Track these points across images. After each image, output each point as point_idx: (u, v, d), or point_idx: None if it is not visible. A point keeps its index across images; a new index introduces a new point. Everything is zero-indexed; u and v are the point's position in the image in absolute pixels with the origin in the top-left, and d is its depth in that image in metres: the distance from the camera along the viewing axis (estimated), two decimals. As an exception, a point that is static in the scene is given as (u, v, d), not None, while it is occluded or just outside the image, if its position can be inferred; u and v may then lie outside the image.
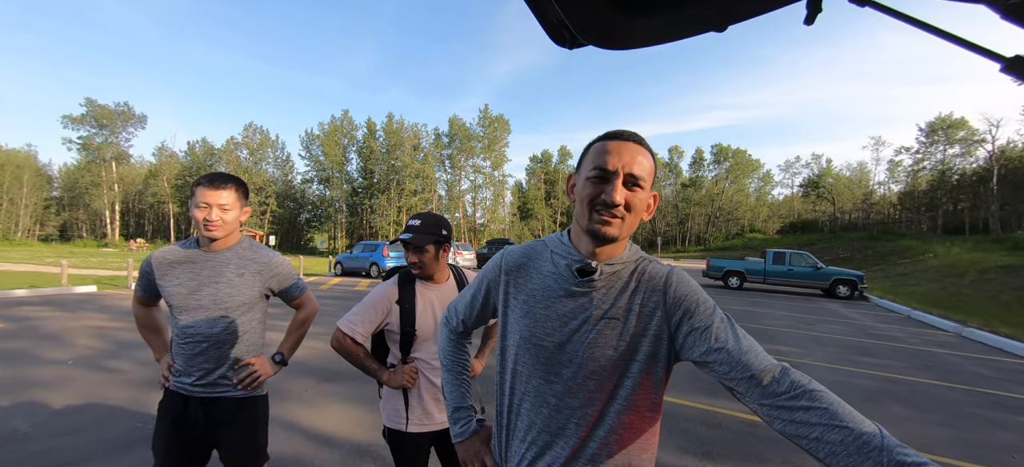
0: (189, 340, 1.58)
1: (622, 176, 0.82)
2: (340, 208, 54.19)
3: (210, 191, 1.54)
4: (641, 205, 0.84)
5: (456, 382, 1.10)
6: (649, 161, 0.85)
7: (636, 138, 0.85)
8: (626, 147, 0.83)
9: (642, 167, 0.83)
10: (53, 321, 6.95)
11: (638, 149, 0.83)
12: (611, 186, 0.81)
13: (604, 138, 0.86)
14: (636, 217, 0.85)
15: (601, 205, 0.82)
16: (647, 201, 0.86)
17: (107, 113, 49.64)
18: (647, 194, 0.85)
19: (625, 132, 0.85)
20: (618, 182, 0.81)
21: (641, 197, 0.84)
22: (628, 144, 0.83)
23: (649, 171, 0.84)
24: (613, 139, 0.85)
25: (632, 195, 0.83)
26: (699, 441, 3.29)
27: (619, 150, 0.83)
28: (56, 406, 3.56)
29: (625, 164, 0.82)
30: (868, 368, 5.67)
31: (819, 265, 15.17)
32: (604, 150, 0.84)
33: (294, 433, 3.20)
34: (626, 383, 0.84)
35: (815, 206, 54.80)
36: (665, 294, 0.84)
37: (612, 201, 0.81)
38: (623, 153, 0.82)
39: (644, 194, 0.84)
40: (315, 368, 4.77)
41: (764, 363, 0.73)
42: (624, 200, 0.82)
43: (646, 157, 0.84)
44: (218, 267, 1.62)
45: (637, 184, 0.83)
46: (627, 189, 0.82)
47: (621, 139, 0.84)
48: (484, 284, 1.04)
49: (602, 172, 0.83)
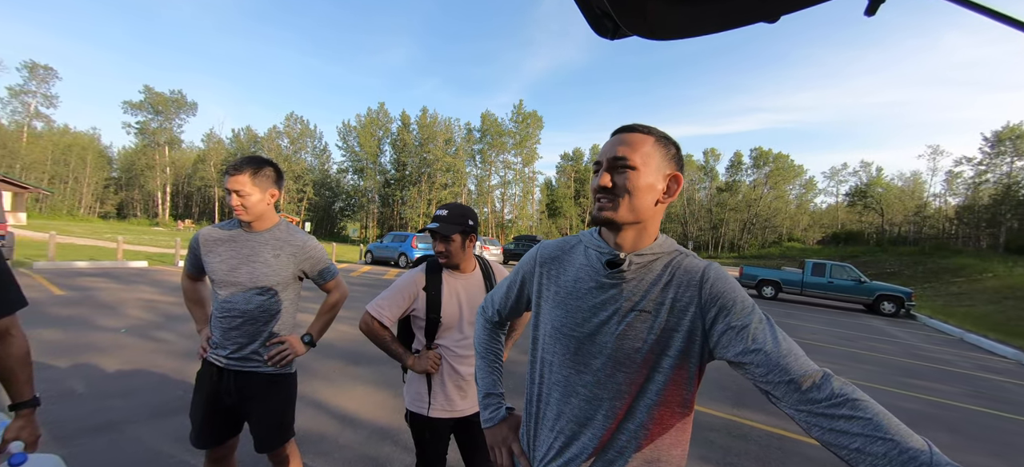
0: (226, 314, 1.67)
1: (605, 163, 0.87)
2: (373, 198, 55.59)
3: (229, 178, 1.64)
4: (636, 186, 0.85)
5: (488, 369, 1.13)
6: (645, 143, 0.86)
7: (630, 127, 0.89)
8: (616, 138, 0.89)
9: (627, 148, 0.86)
10: (108, 292, 7.48)
11: (627, 136, 0.87)
12: (599, 174, 0.87)
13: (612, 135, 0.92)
14: (637, 198, 0.85)
15: (596, 192, 0.88)
16: (650, 182, 0.85)
17: (162, 100, 52.84)
18: (647, 176, 0.85)
19: (623, 126, 0.91)
20: (603, 170, 0.87)
21: (634, 179, 0.84)
22: (619, 134, 0.89)
23: (645, 153, 0.85)
24: (612, 135, 0.91)
25: (622, 177, 0.85)
26: (722, 451, 3.19)
27: (609, 142, 0.89)
28: (108, 370, 3.84)
29: (606, 151, 0.88)
30: (912, 390, 5.34)
31: (862, 279, 14.36)
32: (603, 147, 0.91)
33: (320, 412, 3.32)
34: (657, 378, 0.83)
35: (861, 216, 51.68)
36: (700, 290, 0.82)
37: (597, 185, 0.87)
38: (611, 143, 0.89)
39: (639, 175, 0.84)
40: (343, 351, 4.93)
41: (805, 368, 0.71)
42: (610, 183, 0.85)
43: (639, 140, 0.86)
44: (256, 247, 1.71)
45: (626, 166, 0.85)
46: (615, 173, 0.86)
47: (616, 132, 0.90)
48: (520, 276, 1.07)
49: (596, 165, 0.90)
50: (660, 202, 0.87)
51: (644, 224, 0.88)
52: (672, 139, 0.90)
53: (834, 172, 57.38)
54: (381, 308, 1.63)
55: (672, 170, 0.89)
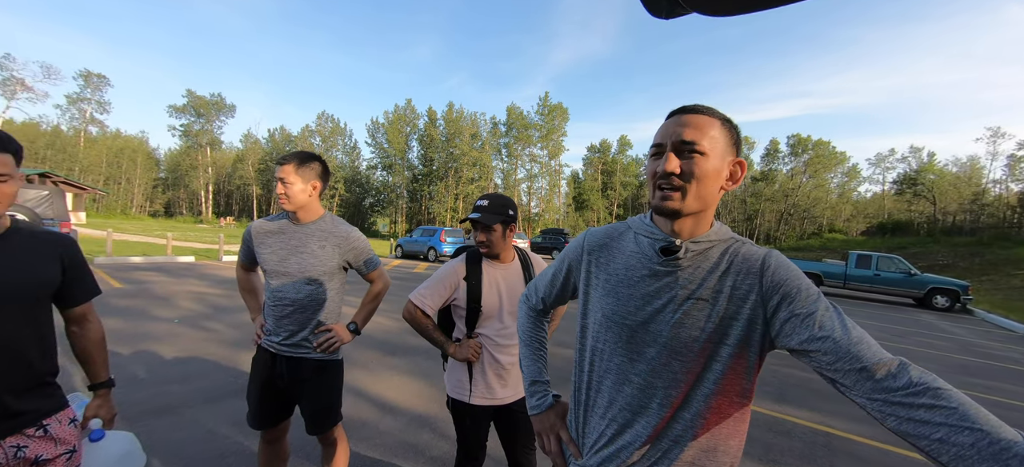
0: (278, 303, 1.75)
1: (670, 145, 0.82)
2: (401, 194, 56.66)
3: (278, 168, 1.71)
4: (706, 172, 0.81)
5: (534, 357, 1.13)
6: (713, 127, 0.82)
7: (693, 108, 0.84)
8: (678, 119, 0.83)
9: (694, 131, 0.81)
10: (161, 285, 7.97)
11: (691, 118, 0.82)
12: (664, 157, 0.82)
13: (666, 117, 0.87)
14: (704, 186, 0.81)
15: (659, 178, 0.83)
16: (717, 167, 0.82)
17: (203, 103, 55.47)
18: (715, 161, 0.81)
19: (685, 106, 0.85)
20: (669, 152, 0.81)
21: (703, 164, 0.80)
22: (682, 116, 0.83)
23: (712, 136, 0.81)
24: (670, 115, 0.86)
25: (689, 162, 0.80)
26: (765, 448, 3.10)
27: (671, 123, 0.84)
28: (166, 357, 4.10)
29: (673, 133, 0.82)
30: (972, 389, 5.01)
31: (913, 271, 13.53)
32: (661, 127, 0.86)
33: (361, 399, 3.44)
34: (714, 367, 0.82)
35: (910, 205, 48.50)
36: (761, 277, 0.80)
37: (664, 170, 0.81)
38: (674, 125, 0.83)
39: (708, 161, 0.80)
40: (379, 341, 5.07)
41: (878, 356, 0.68)
42: (679, 168, 0.80)
43: (705, 122, 0.82)
44: (304, 238, 1.77)
45: (693, 150, 0.80)
46: (681, 158, 0.81)
47: (677, 113, 0.85)
48: (566, 263, 1.06)
49: (656, 147, 0.85)
50: (722, 189, 0.85)
51: (706, 212, 0.85)
52: (734, 122, 0.87)
53: (880, 159, 54.15)
54: (423, 297, 1.67)
55: (735, 156, 0.86)
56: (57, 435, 1.20)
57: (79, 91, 52.30)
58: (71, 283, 1.29)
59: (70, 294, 1.30)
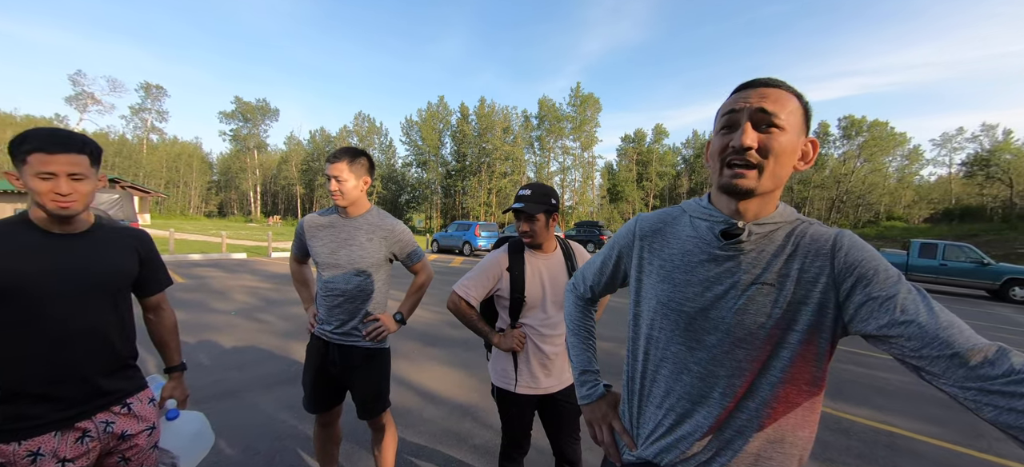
0: (330, 293, 1.82)
1: (749, 116, 0.75)
2: (435, 190, 57.68)
3: (330, 165, 1.77)
4: (784, 149, 0.75)
5: (582, 346, 1.12)
6: (791, 102, 0.76)
7: (767, 81, 0.78)
8: (754, 90, 0.77)
9: (776, 104, 0.74)
10: (218, 279, 8.51)
11: (769, 90, 0.76)
12: (740, 129, 0.75)
13: (734, 91, 0.81)
14: (780, 165, 0.76)
15: (731, 153, 0.77)
16: (795, 145, 0.77)
17: (250, 108, 58.60)
18: (792, 137, 0.76)
19: (757, 79, 0.79)
20: (746, 124, 0.75)
21: (782, 140, 0.75)
22: (757, 88, 0.77)
23: (791, 111, 0.76)
24: (741, 88, 0.80)
25: (767, 137, 0.75)
26: (822, 447, 2.94)
27: (746, 94, 0.77)
28: (225, 346, 4.38)
29: (752, 102, 0.75)
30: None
31: (986, 260, 12.39)
32: (731, 99, 0.80)
33: (404, 388, 3.54)
34: (783, 354, 0.77)
35: (982, 189, 44.23)
36: (833, 258, 0.75)
37: (741, 145, 0.74)
38: (750, 95, 0.76)
39: (787, 136, 0.75)
40: (419, 333, 5.20)
41: (973, 341, 0.62)
42: (756, 142, 0.75)
43: (784, 96, 0.76)
44: (352, 232, 1.84)
45: (773, 124, 0.74)
46: (760, 132, 0.75)
47: (749, 86, 0.79)
48: (615, 251, 1.03)
49: (730, 116, 0.78)
50: (795, 169, 0.80)
51: (774, 192, 0.81)
52: (807, 99, 0.81)
53: (946, 139, 49.68)
54: (467, 288, 1.69)
55: (807, 134, 0.81)
56: (139, 413, 1.31)
57: (141, 102, 56.61)
58: (147, 275, 1.39)
59: (147, 285, 1.41)
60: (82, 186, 1.15)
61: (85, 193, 1.17)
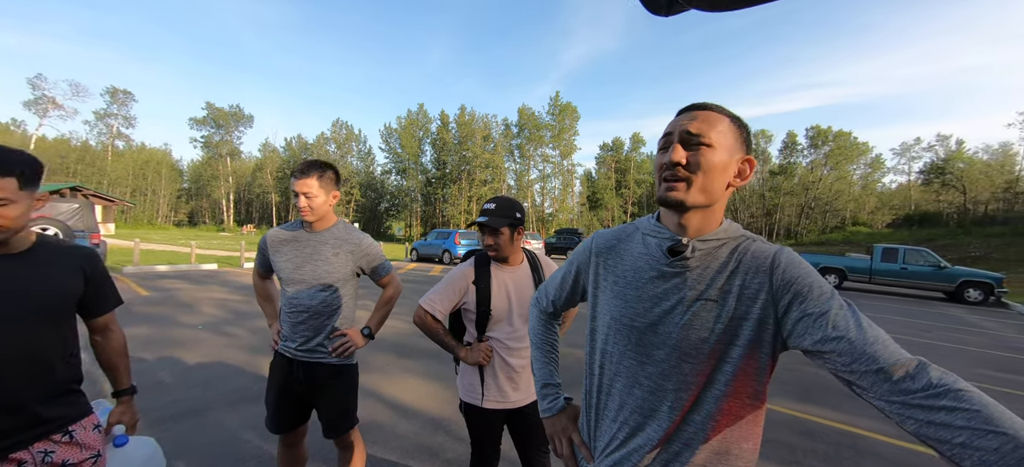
0: (294, 309, 1.78)
1: (677, 136, 0.82)
2: (415, 197, 57.26)
3: (297, 181, 1.73)
4: (711, 165, 0.80)
5: (545, 360, 1.13)
6: (721, 122, 0.82)
7: (702, 105, 0.84)
8: (687, 114, 0.84)
9: (701, 124, 0.81)
10: (185, 292, 8.20)
11: (700, 112, 0.83)
12: (670, 148, 0.82)
13: (676, 114, 0.87)
14: (709, 179, 0.80)
15: (664, 169, 0.83)
16: (725, 162, 0.81)
17: (223, 114, 57.14)
18: (722, 155, 0.80)
19: (694, 103, 0.86)
20: (676, 143, 0.81)
21: (710, 156, 0.80)
22: (691, 111, 0.84)
23: (720, 130, 0.81)
24: (679, 112, 0.86)
25: (696, 153, 0.80)
26: (788, 450, 3.02)
27: (679, 117, 0.85)
28: (189, 362, 4.21)
29: (681, 125, 0.82)
30: (1007, 386, 4.80)
31: (942, 264, 13.05)
32: (669, 124, 0.86)
33: (376, 402, 3.47)
34: (725, 368, 0.80)
35: (939, 196, 46.76)
36: (772, 275, 0.78)
37: (669, 160, 0.81)
38: (682, 118, 0.83)
39: (715, 154, 0.80)
40: (393, 344, 5.12)
41: (896, 356, 0.65)
42: (685, 158, 0.80)
43: (715, 118, 0.82)
44: (318, 246, 1.80)
45: (700, 143, 0.80)
46: (688, 149, 0.81)
47: (685, 110, 0.86)
48: (574, 266, 1.06)
49: (664, 139, 0.85)
50: (730, 186, 0.83)
51: (713, 208, 0.84)
52: (744, 121, 0.86)
53: (905, 148, 52.38)
54: (433, 302, 1.67)
55: (744, 153, 0.85)
56: (82, 441, 1.24)
57: (106, 107, 54.45)
58: (93, 295, 1.33)
59: (93, 305, 1.34)
60: (8, 211, 1.08)
61: (13, 217, 1.10)
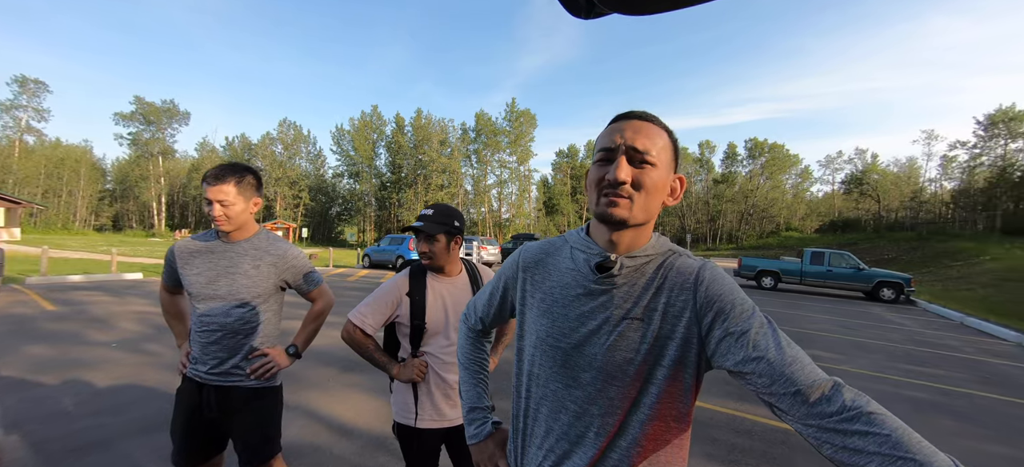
0: (205, 328, 1.60)
1: (624, 151, 0.76)
2: (369, 202, 55.53)
3: (211, 188, 1.55)
4: (655, 184, 0.76)
5: (473, 381, 1.06)
6: (661, 138, 0.78)
7: (643, 115, 0.79)
8: (629, 124, 0.78)
9: (648, 141, 0.76)
10: (101, 305, 7.38)
11: (644, 125, 0.77)
12: (615, 164, 0.75)
13: (611, 121, 0.81)
14: (651, 198, 0.77)
15: (607, 185, 0.76)
16: (665, 181, 0.78)
17: (154, 110, 52.61)
18: (663, 173, 0.77)
19: (633, 112, 0.80)
20: (621, 158, 0.75)
21: (653, 175, 0.76)
22: (632, 121, 0.78)
23: (661, 148, 0.77)
24: (618, 120, 0.81)
25: (641, 172, 0.75)
26: (727, 449, 3.13)
27: (622, 128, 0.78)
28: (99, 385, 3.75)
29: (627, 139, 0.76)
30: (916, 378, 5.29)
31: (861, 266, 14.34)
32: (608, 131, 0.79)
33: (313, 422, 3.25)
34: (650, 390, 0.76)
35: (858, 204, 51.75)
36: (695, 292, 0.75)
37: (615, 179, 0.74)
38: (626, 130, 0.77)
39: (658, 173, 0.76)
40: (339, 358, 4.85)
41: (812, 377, 0.63)
42: (630, 177, 0.75)
43: (656, 133, 0.77)
44: (235, 258, 1.63)
45: (645, 161, 0.75)
46: (634, 167, 0.75)
47: (626, 118, 0.79)
48: (502, 282, 0.99)
49: (605, 152, 0.78)
50: (664, 204, 0.81)
51: (647, 225, 0.81)
52: (676, 136, 0.83)
53: (830, 160, 57.52)
54: (363, 315, 1.56)
55: (675, 170, 0.82)
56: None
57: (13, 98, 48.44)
58: None
59: None
60: None
61: None
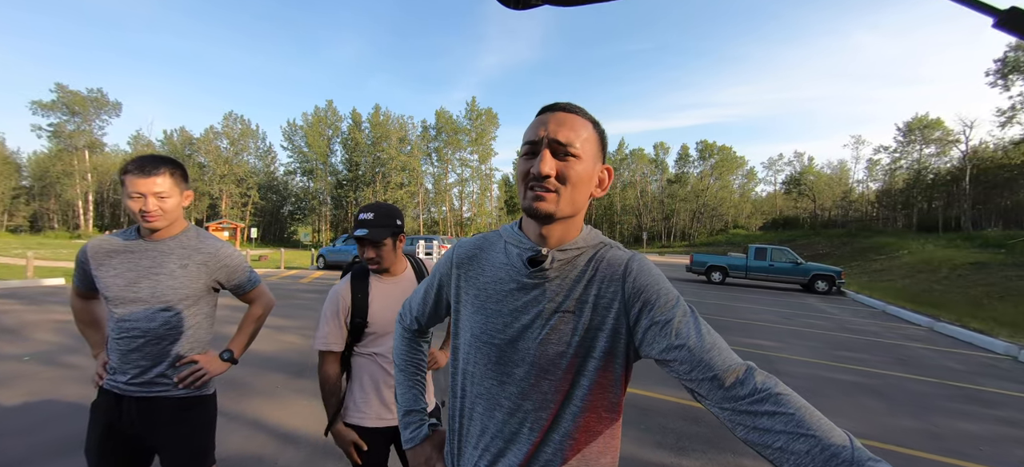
0: (125, 335, 1.46)
1: (548, 144, 0.75)
2: (324, 200, 53.43)
3: (141, 179, 1.41)
4: (579, 177, 0.76)
5: (409, 383, 1.03)
6: (586, 129, 0.77)
7: (566, 107, 0.79)
8: (553, 116, 0.77)
9: (570, 133, 0.75)
10: (12, 315, 6.63)
11: (566, 116, 0.77)
12: (538, 157, 0.75)
13: (537, 113, 0.81)
14: (576, 191, 0.77)
15: (532, 180, 0.76)
16: (590, 173, 0.78)
17: (79, 100, 47.84)
18: (588, 165, 0.77)
19: (557, 104, 0.80)
20: (545, 152, 0.75)
21: (578, 168, 0.76)
22: (555, 113, 0.78)
23: (585, 139, 0.76)
24: (542, 112, 0.80)
25: (565, 165, 0.75)
26: (675, 436, 3.27)
27: (546, 120, 0.77)
28: (8, 404, 3.37)
29: (550, 131, 0.75)
30: (845, 362, 5.76)
31: (799, 261, 15.45)
32: (533, 124, 0.79)
33: (257, 431, 3.08)
34: (582, 382, 0.77)
35: (796, 203, 55.84)
36: (624, 283, 0.76)
37: (539, 172, 0.74)
38: (550, 122, 0.76)
39: (582, 165, 0.76)
40: (290, 362, 4.63)
41: (728, 362, 0.66)
42: (555, 170, 0.75)
43: (579, 124, 0.77)
44: (159, 258, 1.50)
45: (569, 153, 0.75)
46: (558, 159, 0.75)
47: (550, 110, 0.79)
48: (436, 280, 0.97)
49: (530, 146, 0.77)
50: (592, 196, 0.81)
51: (576, 218, 0.81)
52: (602, 126, 0.83)
53: (772, 162, 61.63)
54: (325, 338, 1.54)
55: (602, 161, 0.83)
56: None
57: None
58: None
59: None
60: None
61: None
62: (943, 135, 40.43)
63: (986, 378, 5.34)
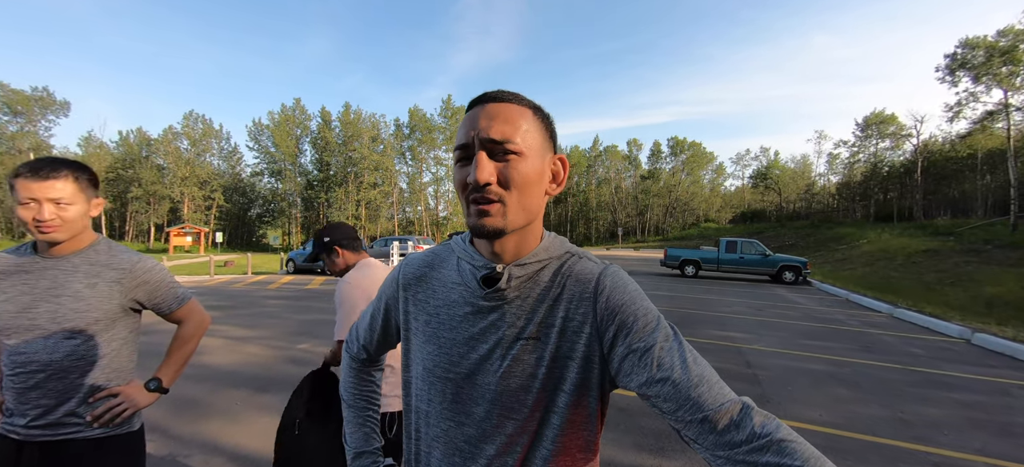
0: (20, 370, 1.24)
1: (479, 145, 0.61)
2: (294, 202, 51.79)
3: (36, 183, 1.20)
4: (526, 177, 0.62)
5: (358, 421, 0.88)
6: (525, 119, 0.63)
7: (496, 95, 0.64)
8: (483, 111, 0.63)
9: (506, 126, 0.61)
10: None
11: (499, 108, 0.63)
12: (473, 164, 0.61)
13: (467, 108, 0.66)
14: (526, 194, 0.63)
15: (471, 191, 0.62)
16: (539, 169, 0.64)
17: (22, 99, 44.74)
18: (534, 161, 0.63)
19: (486, 94, 0.65)
20: (479, 155, 0.61)
21: (522, 167, 0.61)
22: (485, 107, 0.63)
23: (525, 130, 0.63)
24: (471, 106, 0.65)
25: (506, 166, 0.61)
26: (655, 437, 3.21)
27: (474, 117, 0.63)
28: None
29: (481, 129, 0.61)
30: (814, 351, 5.89)
31: (767, 253, 15.92)
32: (462, 123, 0.64)
33: (212, 456, 2.84)
34: (552, 421, 0.64)
35: (763, 196, 57.90)
36: (595, 302, 0.64)
37: (477, 181, 0.60)
38: (480, 119, 0.62)
39: (527, 162, 0.62)
40: (252, 377, 4.35)
41: (719, 399, 0.55)
42: (495, 176, 0.60)
43: (515, 113, 0.63)
44: (61, 277, 1.29)
45: (507, 151, 0.61)
46: (497, 161, 0.61)
47: (478, 103, 0.64)
48: (383, 303, 0.82)
49: (461, 151, 0.64)
50: (548, 194, 0.67)
51: (532, 225, 0.67)
52: (545, 110, 0.69)
53: (739, 157, 63.57)
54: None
55: (553, 151, 0.69)
56: None
57: None
58: None
59: None
60: None
61: None
62: (897, 130, 42.61)
63: (944, 363, 5.56)
